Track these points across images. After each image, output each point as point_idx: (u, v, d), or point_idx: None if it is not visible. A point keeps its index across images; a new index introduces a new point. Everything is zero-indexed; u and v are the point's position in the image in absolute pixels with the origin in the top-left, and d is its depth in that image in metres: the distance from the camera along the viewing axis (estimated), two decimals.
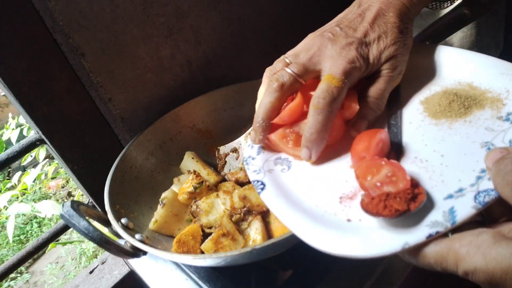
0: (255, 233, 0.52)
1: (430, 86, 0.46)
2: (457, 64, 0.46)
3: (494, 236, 0.27)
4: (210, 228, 0.55)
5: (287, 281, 0.56)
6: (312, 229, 0.35)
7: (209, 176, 0.63)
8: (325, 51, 0.44)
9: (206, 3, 0.71)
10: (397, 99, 0.46)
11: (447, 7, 0.61)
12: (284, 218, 0.37)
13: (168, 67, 0.70)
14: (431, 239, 0.30)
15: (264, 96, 0.44)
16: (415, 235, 0.30)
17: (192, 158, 0.66)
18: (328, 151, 0.44)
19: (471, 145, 0.37)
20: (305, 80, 0.44)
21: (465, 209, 0.31)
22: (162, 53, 0.68)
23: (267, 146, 0.48)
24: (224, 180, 0.64)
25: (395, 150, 0.40)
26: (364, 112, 0.44)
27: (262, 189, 0.41)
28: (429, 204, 0.33)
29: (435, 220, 0.31)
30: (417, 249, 0.30)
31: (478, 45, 0.73)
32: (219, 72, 0.79)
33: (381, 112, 0.45)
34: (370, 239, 0.32)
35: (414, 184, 0.34)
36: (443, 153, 0.38)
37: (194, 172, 0.60)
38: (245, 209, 0.53)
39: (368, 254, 0.31)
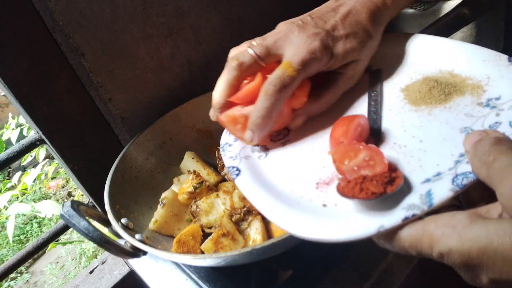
0: (255, 233, 0.52)
1: (411, 74, 0.46)
2: (439, 52, 0.46)
3: (471, 216, 0.26)
4: (210, 228, 0.55)
5: (287, 281, 0.56)
6: (287, 214, 0.34)
7: (209, 176, 0.63)
8: (291, 37, 0.43)
9: (206, 3, 0.71)
10: (377, 87, 0.47)
11: (431, 8, 0.60)
12: (258, 203, 0.37)
13: (168, 67, 0.70)
14: (407, 222, 0.29)
15: (223, 73, 0.45)
16: (391, 218, 0.30)
17: (192, 158, 0.66)
18: (305, 137, 0.44)
19: (450, 131, 0.37)
20: (266, 63, 0.44)
21: (443, 191, 0.30)
22: (162, 53, 0.68)
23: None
24: (224, 180, 0.64)
25: (374, 136, 0.40)
26: (309, 106, 0.45)
27: (237, 175, 0.41)
28: (407, 188, 0.32)
29: (411, 203, 0.30)
30: (393, 233, 0.30)
31: (477, 45, 0.73)
32: (219, 72, 0.79)
33: (324, 110, 0.46)
34: (345, 223, 0.31)
35: (392, 168, 0.33)
36: (422, 138, 0.38)
37: (194, 172, 0.60)
38: (245, 209, 0.53)
39: (342, 238, 0.31)
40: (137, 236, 0.49)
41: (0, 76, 0.54)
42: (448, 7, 0.70)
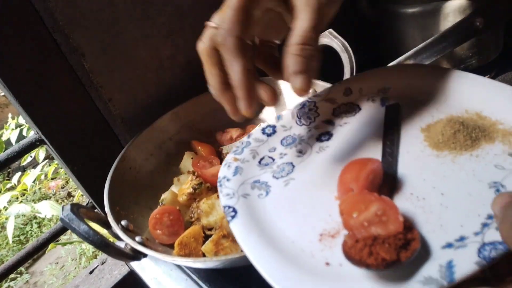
0: None
1: (434, 112, 0.41)
2: (466, 90, 0.41)
3: None
4: (210, 230, 0.54)
5: None
6: (284, 272, 0.30)
7: None
8: None
9: (206, 3, 0.71)
10: (395, 123, 0.42)
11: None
12: (253, 255, 0.32)
13: (168, 67, 0.70)
14: None
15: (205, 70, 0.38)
16: None
17: (192, 158, 0.66)
18: (312, 176, 0.39)
19: (478, 184, 0.32)
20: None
21: (466, 264, 0.26)
22: (162, 53, 0.68)
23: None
24: None
25: (388, 183, 0.36)
26: (288, 61, 0.34)
27: (233, 217, 0.36)
28: (424, 253, 0.28)
29: (429, 276, 0.26)
30: None
31: (477, 45, 0.73)
32: None
33: (313, 55, 0.34)
34: None
35: (408, 226, 0.29)
36: (444, 191, 0.33)
37: (194, 172, 0.60)
38: None
39: None
40: (137, 238, 0.49)
41: (0, 76, 0.54)
42: (448, 6, 0.70)
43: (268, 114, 0.72)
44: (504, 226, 0.25)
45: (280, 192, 0.39)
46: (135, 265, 0.67)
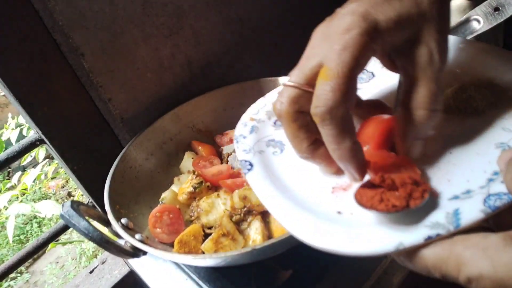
0: (255, 233, 0.52)
1: (447, 80, 0.42)
2: (479, 59, 0.43)
3: (505, 239, 0.23)
4: (209, 228, 0.55)
5: (287, 281, 0.56)
6: (297, 218, 0.31)
7: None
8: (318, 37, 0.34)
9: (206, 3, 0.71)
10: None
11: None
12: (267, 202, 0.34)
13: (168, 67, 0.70)
14: (430, 241, 0.26)
15: (286, 135, 0.35)
16: (412, 236, 0.27)
17: (192, 158, 0.66)
18: None
19: (485, 145, 0.34)
20: (310, 82, 0.32)
21: (472, 212, 0.27)
22: (162, 53, 0.68)
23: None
24: None
25: None
26: (410, 129, 0.33)
27: (249, 169, 0.39)
28: (432, 204, 0.29)
29: (436, 222, 0.27)
30: (414, 251, 0.27)
31: None
32: (219, 72, 0.79)
33: (437, 123, 0.33)
34: (360, 235, 0.29)
35: (420, 180, 0.31)
36: (452, 150, 0.35)
37: (194, 171, 0.60)
38: (245, 209, 0.53)
39: (356, 252, 0.28)
40: (137, 236, 0.49)
41: (0, 76, 0.54)
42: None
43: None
44: (508, 175, 0.26)
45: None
46: (135, 264, 0.67)
